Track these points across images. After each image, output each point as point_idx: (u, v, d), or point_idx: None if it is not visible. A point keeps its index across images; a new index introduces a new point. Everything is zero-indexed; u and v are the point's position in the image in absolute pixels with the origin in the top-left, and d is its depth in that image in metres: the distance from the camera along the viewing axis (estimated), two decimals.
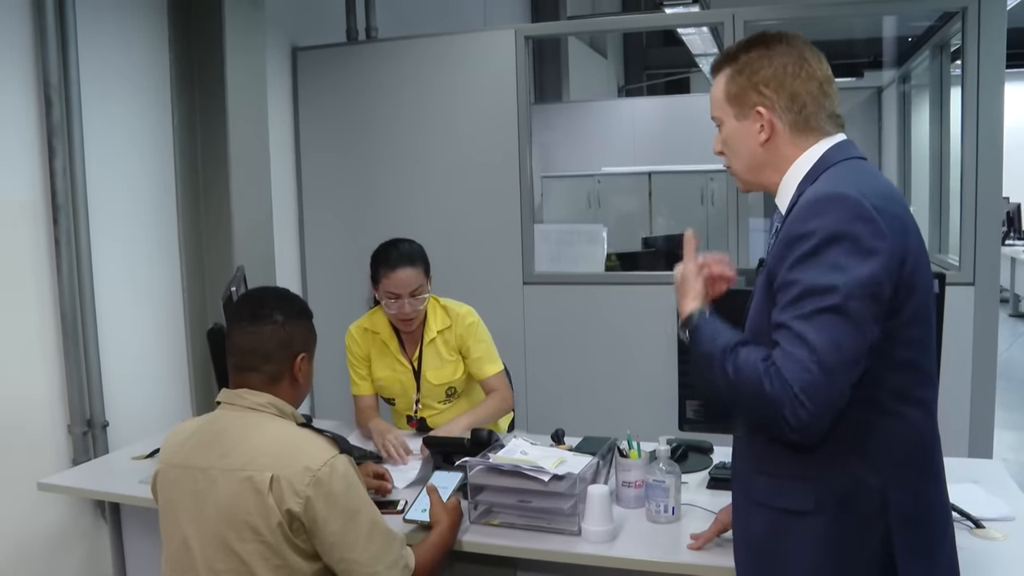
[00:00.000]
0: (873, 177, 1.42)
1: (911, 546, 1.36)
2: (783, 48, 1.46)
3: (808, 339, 1.28)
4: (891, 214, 1.33)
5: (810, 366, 1.27)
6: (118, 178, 3.13)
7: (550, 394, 3.75)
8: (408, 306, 2.61)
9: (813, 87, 1.45)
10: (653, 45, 11.46)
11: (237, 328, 1.80)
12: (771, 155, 1.48)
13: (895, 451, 1.36)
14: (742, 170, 1.53)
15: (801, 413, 1.27)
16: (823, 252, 1.30)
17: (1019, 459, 4.96)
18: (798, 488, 1.39)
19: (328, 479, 1.66)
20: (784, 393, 1.28)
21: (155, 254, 3.32)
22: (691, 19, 7.03)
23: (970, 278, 3.22)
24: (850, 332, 1.28)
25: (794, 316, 1.30)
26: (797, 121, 1.45)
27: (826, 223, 1.31)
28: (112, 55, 3.11)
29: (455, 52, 3.86)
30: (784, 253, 1.35)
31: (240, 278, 2.54)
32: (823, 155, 1.45)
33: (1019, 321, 9.10)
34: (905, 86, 6.25)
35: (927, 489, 1.41)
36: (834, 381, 1.28)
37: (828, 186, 1.37)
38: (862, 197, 1.31)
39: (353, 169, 4.04)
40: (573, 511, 1.94)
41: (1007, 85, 3.18)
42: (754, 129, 1.47)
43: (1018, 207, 9.70)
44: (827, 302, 1.28)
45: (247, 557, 1.65)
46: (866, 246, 1.29)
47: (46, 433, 2.85)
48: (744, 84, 1.47)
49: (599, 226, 4.85)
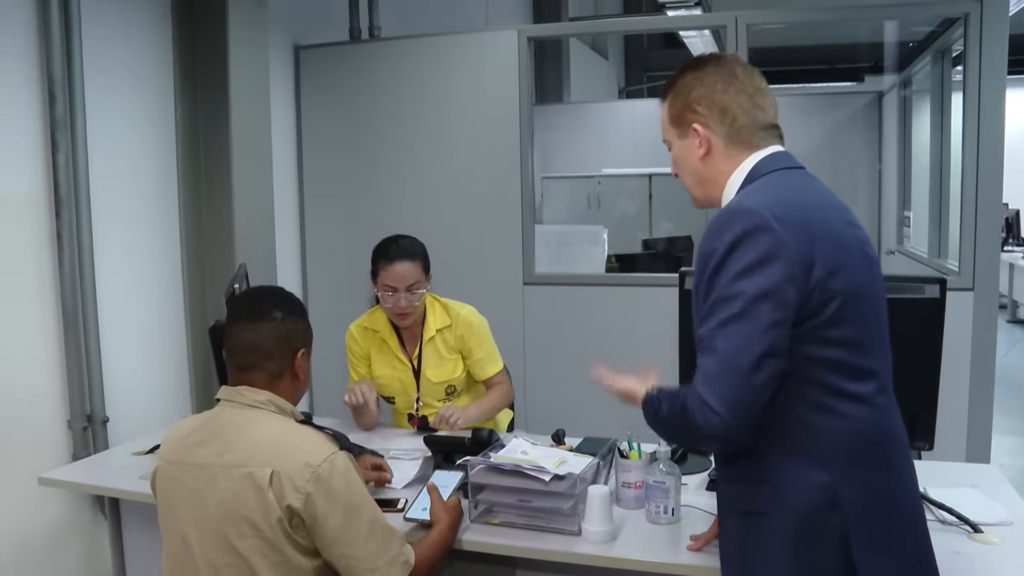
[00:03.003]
0: (791, 186, 1.50)
1: (869, 539, 1.39)
2: (712, 68, 1.57)
3: (716, 347, 1.37)
4: (795, 222, 1.39)
5: (714, 372, 1.36)
6: (121, 173, 3.13)
7: (550, 394, 3.76)
8: (404, 300, 2.62)
9: (743, 100, 1.54)
10: (654, 47, 11.48)
11: (237, 327, 1.81)
12: (710, 169, 1.58)
13: (838, 447, 1.41)
14: (691, 186, 1.64)
15: (713, 420, 1.35)
16: (725, 265, 1.39)
17: (1017, 464, 4.97)
18: (754, 491, 1.46)
19: (328, 475, 1.66)
20: (697, 403, 1.37)
21: (157, 249, 3.32)
22: (694, 22, 7.03)
23: (969, 284, 3.23)
24: (752, 333, 1.35)
25: (706, 329, 1.39)
26: (730, 134, 1.55)
27: (726, 238, 1.39)
28: (116, 50, 3.12)
29: (457, 52, 3.87)
30: (698, 274, 1.45)
31: (242, 275, 2.54)
32: (751, 170, 1.53)
33: (1017, 327, 9.11)
34: (906, 91, 6.26)
35: (879, 481, 1.44)
36: (740, 382, 1.35)
37: (734, 202, 1.48)
38: (762, 208, 1.39)
39: (355, 168, 4.05)
40: (573, 511, 1.95)
41: (1008, 91, 3.20)
42: (694, 146, 1.58)
43: (1017, 213, 9.71)
44: (732, 310, 1.36)
45: (246, 553, 1.66)
46: (764, 253, 1.36)
47: (46, 428, 2.86)
48: (680, 106, 1.59)
49: (599, 227, 4.85)
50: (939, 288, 1.95)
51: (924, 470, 1.50)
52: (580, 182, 6.21)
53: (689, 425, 1.39)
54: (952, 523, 1.92)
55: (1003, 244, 8.62)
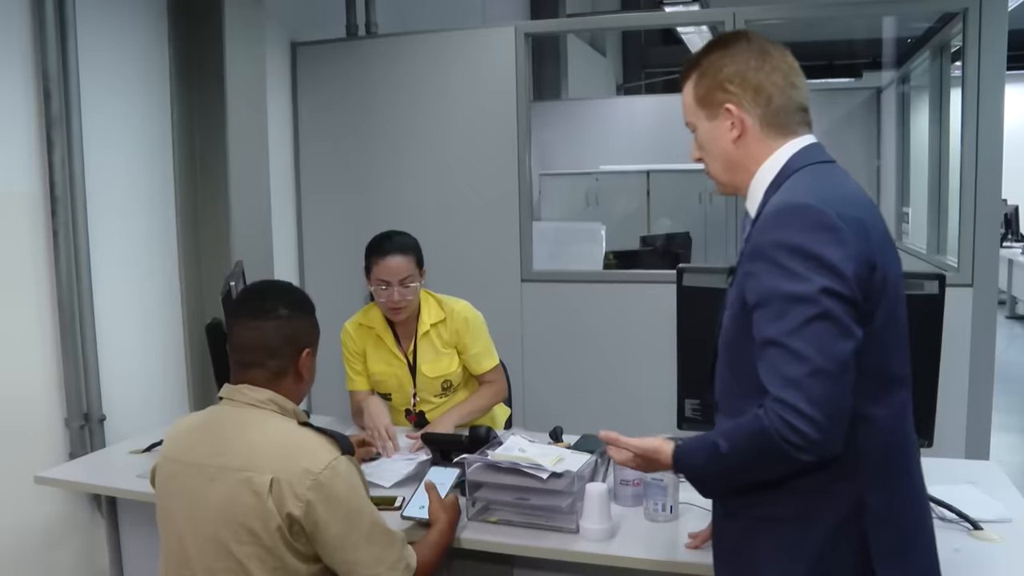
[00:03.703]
0: (836, 182, 1.43)
1: (887, 547, 1.37)
2: (743, 45, 1.48)
3: (797, 350, 1.27)
4: (854, 220, 1.33)
5: (801, 376, 1.26)
6: (117, 171, 3.12)
7: (548, 392, 3.75)
8: (397, 294, 2.61)
9: (778, 78, 1.46)
10: (652, 44, 11.47)
11: (240, 324, 1.77)
12: (743, 153, 1.48)
13: (866, 455, 1.36)
14: (718, 171, 1.54)
15: (808, 429, 1.25)
16: (790, 263, 1.30)
17: (1015, 461, 4.97)
18: (773, 497, 1.39)
19: (329, 482, 1.64)
20: (785, 414, 1.26)
21: (153, 247, 3.31)
22: (692, 18, 7.03)
23: (968, 280, 3.23)
24: (836, 334, 1.28)
25: (782, 331, 1.29)
26: (766, 115, 1.46)
27: (788, 234, 1.32)
28: (112, 47, 3.10)
29: (455, 49, 3.86)
30: (751, 267, 1.36)
31: (239, 273, 2.53)
32: (788, 160, 1.45)
33: (1016, 323, 9.11)
34: (904, 87, 6.25)
35: (901, 489, 1.42)
36: (831, 384, 1.26)
37: (790, 196, 1.38)
38: (823, 205, 1.32)
39: (351, 166, 4.03)
40: (571, 509, 1.94)
41: (1007, 87, 3.19)
42: (725, 127, 1.48)
43: (1016, 209, 9.71)
44: (811, 311, 1.28)
45: (243, 559, 1.63)
46: (830, 254, 1.29)
47: (43, 426, 2.85)
48: (710, 84, 1.49)
49: (597, 224, 4.85)
50: (938, 284, 1.94)
51: (923, 467, 1.49)
52: (578, 179, 6.20)
53: (772, 448, 1.28)
54: (952, 520, 1.91)
55: (1002, 240, 8.61)
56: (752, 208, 1.49)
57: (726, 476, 1.41)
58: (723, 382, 1.51)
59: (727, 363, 1.49)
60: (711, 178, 1.58)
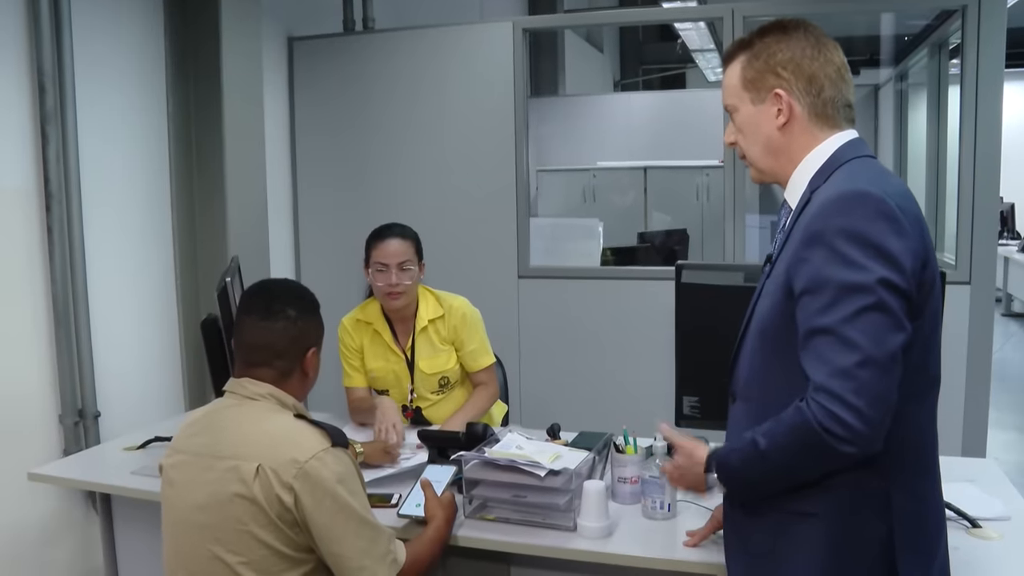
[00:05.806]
0: (889, 176, 1.41)
1: (912, 546, 1.36)
2: (800, 33, 1.46)
3: (855, 341, 1.24)
4: (911, 213, 1.32)
5: (851, 366, 1.24)
6: (112, 166, 3.11)
7: (545, 388, 3.74)
8: (395, 277, 2.60)
9: (831, 71, 1.45)
10: (649, 40, 11.46)
11: (248, 322, 1.79)
12: (787, 140, 1.46)
13: (898, 452, 1.34)
14: (758, 157, 1.51)
15: (854, 421, 1.23)
16: (850, 251, 1.27)
17: (1012, 459, 4.97)
18: (805, 491, 1.36)
19: (316, 472, 1.64)
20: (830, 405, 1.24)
21: (149, 243, 3.30)
22: (689, 14, 7.04)
23: (966, 277, 3.23)
24: (890, 326, 1.25)
25: (835, 319, 1.26)
26: (815, 105, 1.44)
27: (850, 221, 1.29)
28: (107, 41, 3.08)
29: (452, 44, 3.85)
30: (805, 253, 1.32)
31: (234, 269, 2.52)
32: (835, 152, 1.43)
33: (1011, 320, 9.13)
34: (902, 84, 6.25)
35: (923, 488, 1.41)
36: (880, 375, 1.24)
37: (849, 184, 1.34)
38: (885, 195, 1.30)
39: (348, 161, 4.02)
40: (569, 506, 1.93)
41: (1006, 84, 3.18)
42: (771, 113, 1.46)
43: (1012, 207, 9.72)
44: (867, 300, 1.25)
45: (236, 548, 1.65)
46: (892, 245, 1.27)
47: (37, 423, 2.83)
48: (761, 68, 1.46)
49: (595, 220, 4.84)
50: None
51: None
52: (575, 175, 6.19)
53: (814, 441, 1.25)
54: (950, 518, 1.90)
55: (998, 237, 8.61)
56: (793, 198, 1.47)
57: (763, 476, 1.38)
58: (751, 370, 1.48)
59: (759, 351, 1.46)
60: (747, 163, 1.55)
